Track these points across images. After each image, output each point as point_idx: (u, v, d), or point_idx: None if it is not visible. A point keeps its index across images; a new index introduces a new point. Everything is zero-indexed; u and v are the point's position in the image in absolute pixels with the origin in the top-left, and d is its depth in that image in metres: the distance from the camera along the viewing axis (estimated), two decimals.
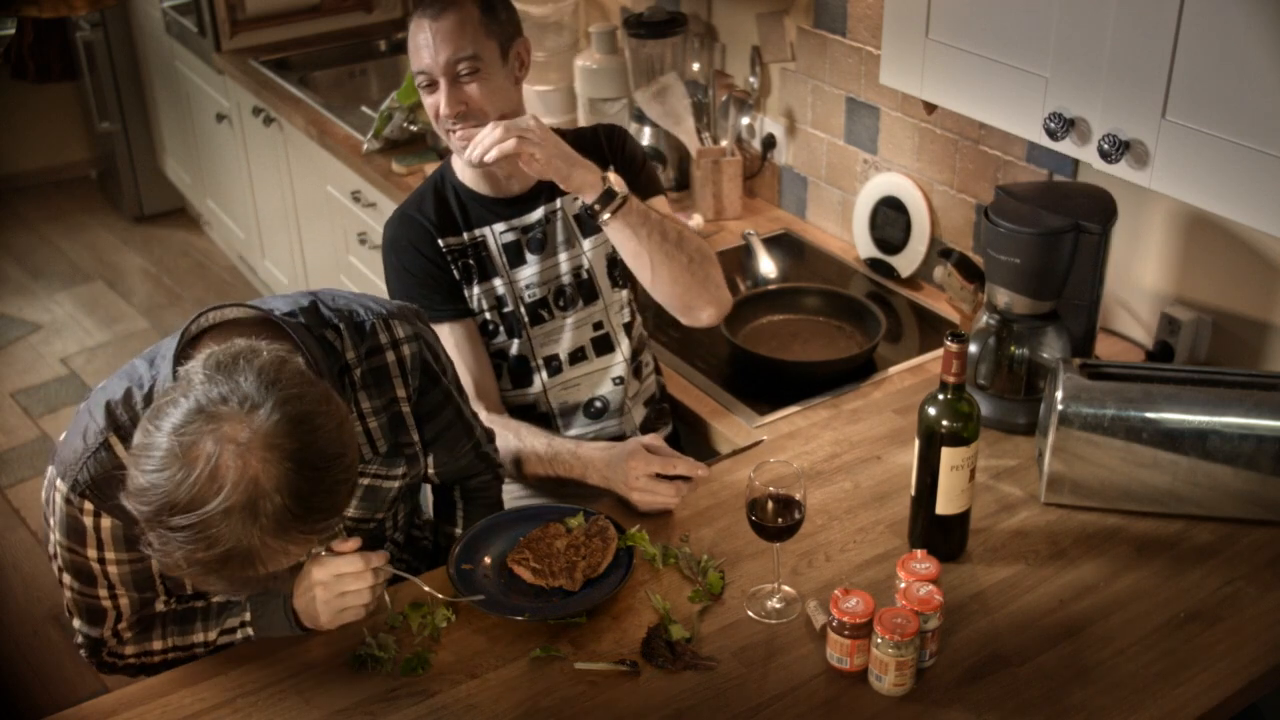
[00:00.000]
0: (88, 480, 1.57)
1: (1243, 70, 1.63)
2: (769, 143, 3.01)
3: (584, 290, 2.17)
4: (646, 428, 2.24)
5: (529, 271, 2.13)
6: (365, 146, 3.32)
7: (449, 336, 2.09)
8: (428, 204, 2.12)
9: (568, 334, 2.17)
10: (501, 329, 2.14)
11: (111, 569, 1.64)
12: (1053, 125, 1.87)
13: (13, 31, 4.79)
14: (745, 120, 3.04)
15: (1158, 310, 2.30)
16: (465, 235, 2.11)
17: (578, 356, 2.18)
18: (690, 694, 1.63)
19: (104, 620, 1.69)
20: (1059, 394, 1.90)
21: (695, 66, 3.08)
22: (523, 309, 2.13)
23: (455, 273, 2.11)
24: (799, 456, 2.08)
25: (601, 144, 2.15)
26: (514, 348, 2.15)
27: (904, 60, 2.12)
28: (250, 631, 1.72)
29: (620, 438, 2.17)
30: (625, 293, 2.20)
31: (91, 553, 1.63)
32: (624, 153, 2.17)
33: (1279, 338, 2.15)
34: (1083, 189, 2.16)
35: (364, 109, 3.55)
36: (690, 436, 2.34)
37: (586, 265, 2.15)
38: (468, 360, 2.11)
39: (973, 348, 2.12)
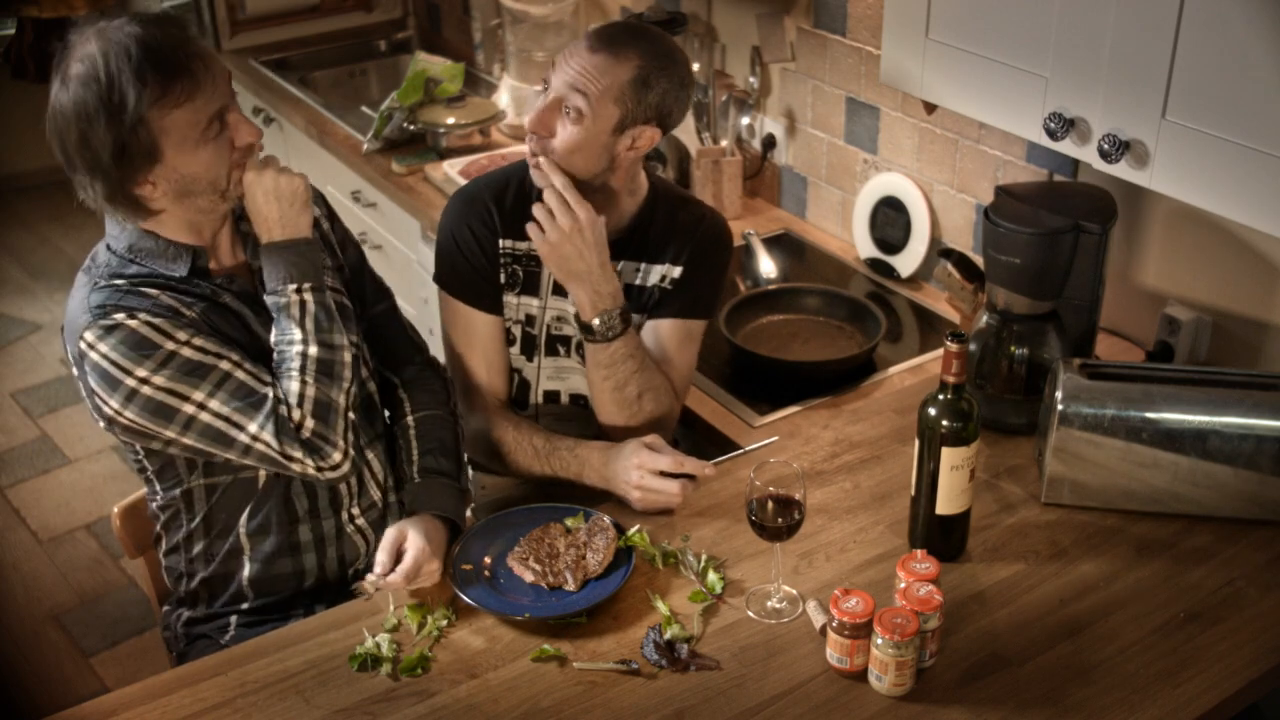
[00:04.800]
0: (100, 303, 1.71)
1: (1243, 70, 1.63)
2: (769, 143, 3.01)
3: None
4: None
5: (566, 307, 2.06)
6: (365, 146, 3.32)
7: (478, 324, 2.06)
8: (507, 197, 2.05)
9: (576, 378, 2.12)
10: (519, 344, 2.10)
11: (197, 341, 1.72)
12: (1053, 125, 1.87)
13: (13, 31, 4.80)
14: (745, 120, 3.04)
15: (1158, 310, 2.30)
16: (527, 244, 2.03)
17: (580, 402, 2.14)
18: (690, 694, 1.63)
19: (253, 391, 1.72)
20: (1059, 394, 1.90)
21: (695, 66, 3.07)
22: (544, 337, 2.09)
23: (503, 275, 2.06)
24: (799, 456, 2.08)
25: (688, 237, 2.05)
26: (524, 370, 2.12)
27: (904, 60, 2.13)
28: (306, 287, 1.78)
29: None
30: None
31: (170, 344, 1.70)
32: (700, 264, 2.06)
33: (1279, 338, 2.15)
34: (1083, 189, 2.16)
35: (364, 109, 3.56)
36: (690, 436, 2.33)
37: None
38: (489, 352, 2.08)
39: (972, 348, 2.12)
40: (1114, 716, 1.59)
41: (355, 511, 1.93)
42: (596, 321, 1.94)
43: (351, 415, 1.80)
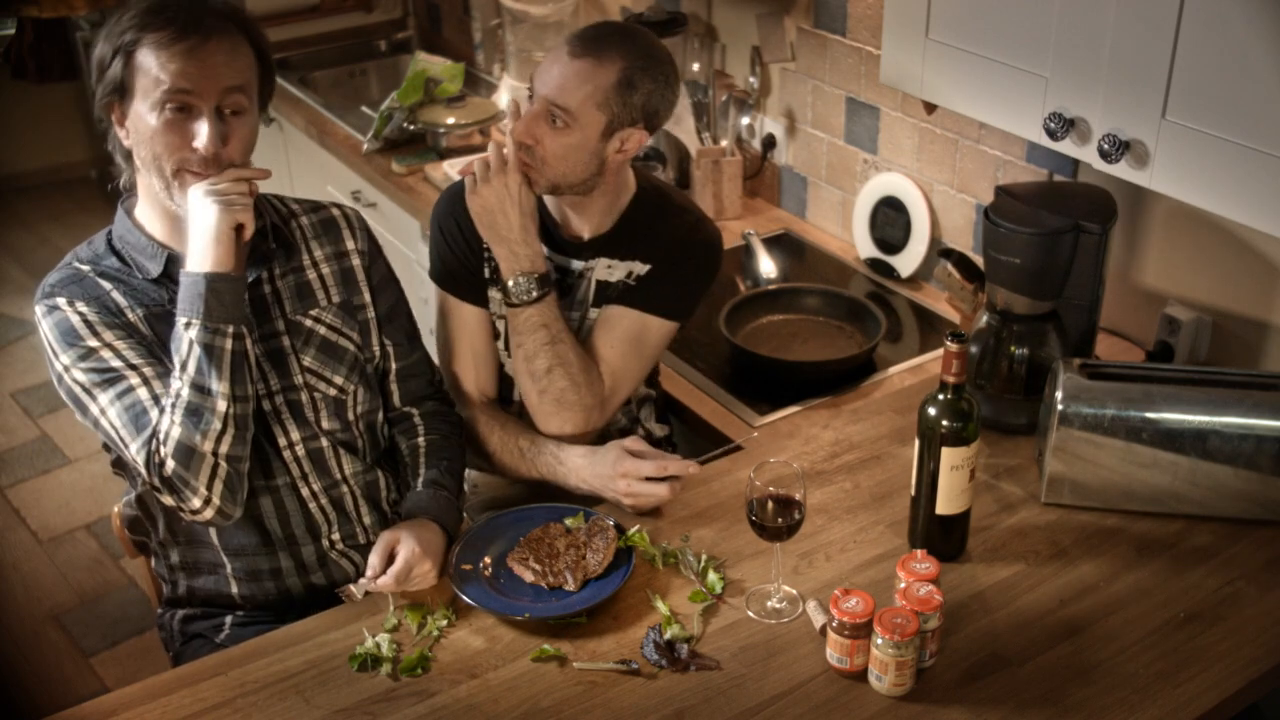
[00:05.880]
0: (54, 282, 1.77)
1: (1243, 70, 1.63)
2: (769, 143, 3.01)
3: None
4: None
5: None
6: (365, 147, 3.32)
7: (465, 316, 2.09)
8: None
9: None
10: (503, 338, 2.11)
11: (119, 345, 1.73)
12: (1053, 125, 1.87)
13: (13, 31, 4.80)
14: (745, 120, 3.04)
15: (1158, 310, 2.30)
16: None
17: None
18: (690, 694, 1.63)
19: (145, 413, 1.70)
20: (1059, 394, 1.90)
21: (695, 66, 3.08)
22: None
23: (486, 270, 2.07)
24: (799, 456, 2.08)
25: (662, 238, 2.05)
26: (506, 365, 2.13)
27: (904, 60, 2.13)
28: (195, 324, 1.67)
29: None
30: None
31: (94, 341, 1.72)
32: (670, 266, 2.05)
33: (1279, 338, 2.15)
34: (1083, 189, 2.16)
35: (364, 109, 3.56)
36: (690, 436, 2.33)
37: (586, 331, 2.09)
38: (475, 344, 2.10)
39: (973, 348, 2.12)
40: (1114, 716, 1.59)
41: (336, 538, 1.92)
42: (510, 283, 1.98)
43: (225, 465, 1.69)
